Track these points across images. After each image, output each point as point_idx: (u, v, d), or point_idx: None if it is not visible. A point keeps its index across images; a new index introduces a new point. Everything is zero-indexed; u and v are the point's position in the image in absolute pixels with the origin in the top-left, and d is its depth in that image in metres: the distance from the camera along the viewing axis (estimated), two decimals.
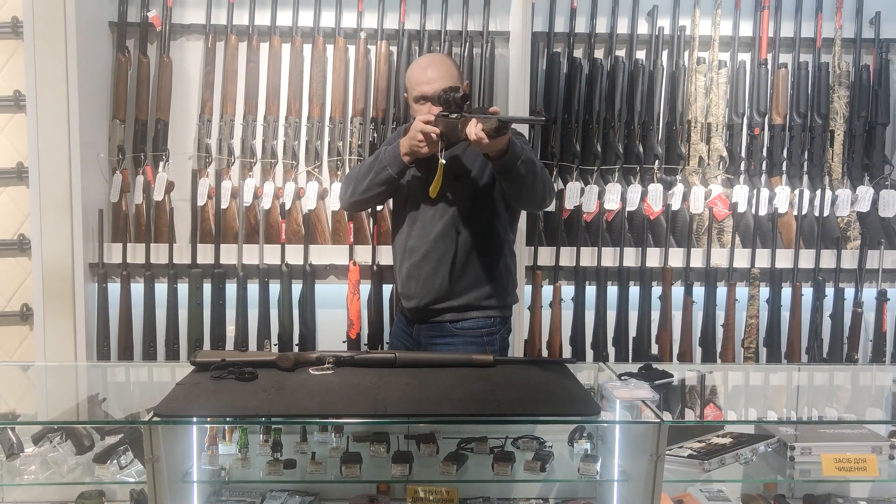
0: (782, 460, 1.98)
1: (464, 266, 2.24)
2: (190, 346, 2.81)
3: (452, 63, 2.28)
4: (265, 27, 2.88)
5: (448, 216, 2.22)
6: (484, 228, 2.25)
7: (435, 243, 2.23)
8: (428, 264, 2.24)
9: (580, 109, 2.88)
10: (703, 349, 2.87)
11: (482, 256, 2.25)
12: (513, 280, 2.36)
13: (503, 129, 1.86)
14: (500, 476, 1.92)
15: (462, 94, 2.03)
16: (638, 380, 1.96)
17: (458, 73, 2.25)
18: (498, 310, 2.30)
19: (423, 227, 2.24)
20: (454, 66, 2.26)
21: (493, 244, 2.27)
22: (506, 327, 2.36)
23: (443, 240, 2.22)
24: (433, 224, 2.23)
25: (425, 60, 2.29)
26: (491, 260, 2.27)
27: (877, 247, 2.84)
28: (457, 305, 2.26)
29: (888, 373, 2.71)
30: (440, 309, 2.26)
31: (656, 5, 2.92)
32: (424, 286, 2.25)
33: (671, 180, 2.90)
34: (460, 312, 2.27)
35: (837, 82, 2.90)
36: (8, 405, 2.15)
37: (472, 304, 2.26)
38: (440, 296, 2.25)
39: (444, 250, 2.22)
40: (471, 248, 2.24)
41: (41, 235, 2.71)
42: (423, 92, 2.17)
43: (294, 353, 1.96)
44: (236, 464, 2.01)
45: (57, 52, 2.65)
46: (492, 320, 2.29)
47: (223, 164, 2.88)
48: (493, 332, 2.30)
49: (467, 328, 2.27)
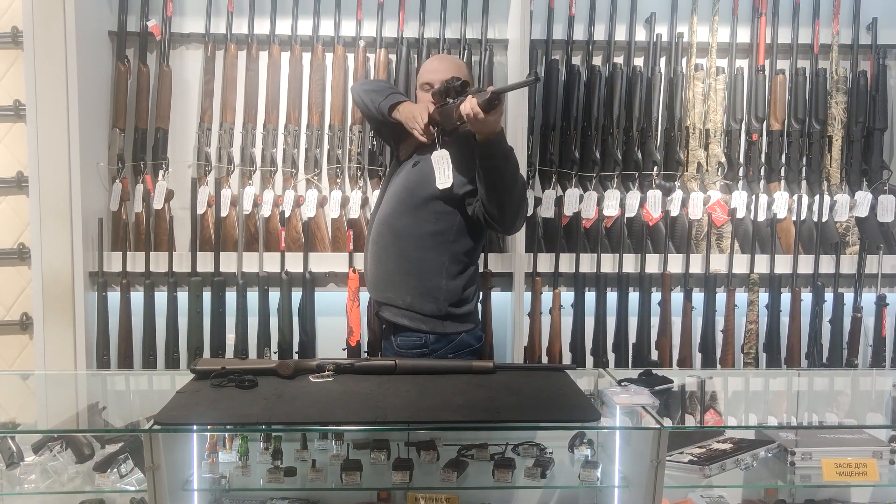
0: (783, 465, 1.98)
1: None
2: (190, 355, 2.81)
3: (464, 65, 2.39)
4: (264, 36, 2.89)
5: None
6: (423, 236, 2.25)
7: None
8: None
9: (578, 116, 2.89)
10: (702, 355, 2.87)
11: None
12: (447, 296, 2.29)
13: (495, 99, 1.93)
14: (500, 483, 1.92)
15: (461, 82, 2.10)
16: (638, 386, 1.96)
17: (468, 73, 2.33)
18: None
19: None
20: (465, 67, 2.36)
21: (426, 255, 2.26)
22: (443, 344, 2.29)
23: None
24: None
25: (438, 56, 2.54)
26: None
27: (876, 252, 2.84)
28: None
29: (888, 377, 2.71)
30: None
31: (654, 12, 2.93)
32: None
33: (670, 186, 2.90)
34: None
35: (835, 88, 2.91)
36: (8, 414, 2.15)
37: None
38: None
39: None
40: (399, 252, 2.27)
41: (41, 244, 2.71)
42: (430, 79, 2.26)
43: (294, 361, 1.96)
44: (237, 472, 2.01)
45: (57, 61, 2.66)
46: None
47: (223, 173, 2.88)
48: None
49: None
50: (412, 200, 2.25)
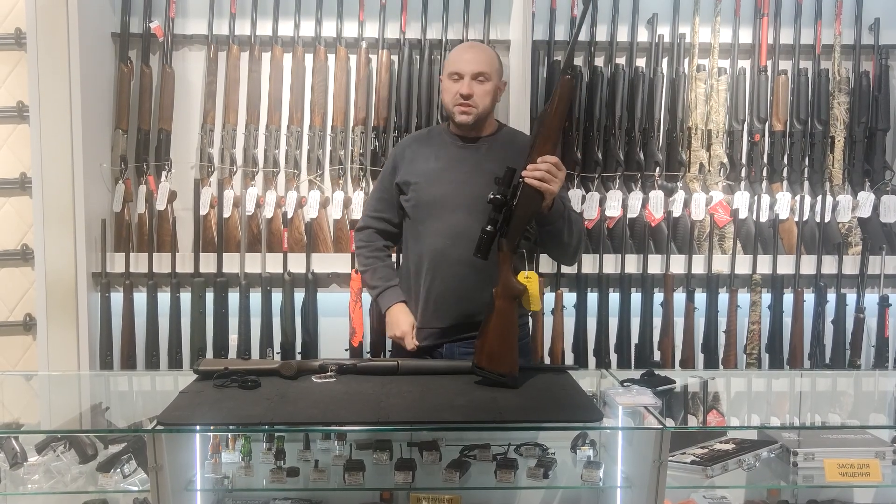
0: (785, 466, 1.98)
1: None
2: (193, 355, 2.81)
3: (495, 55, 2.24)
4: (267, 37, 2.89)
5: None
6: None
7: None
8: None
9: (581, 117, 2.88)
10: (705, 355, 2.86)
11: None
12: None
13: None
14: (503, 483, 1.92)
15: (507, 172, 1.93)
16: (640, 386, 1.96)
17: (499, 66, 2.23)
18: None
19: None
20: (496, 59, 2.23)
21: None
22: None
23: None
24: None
25: (468, 44, 2.39)
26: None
27: (878, 252, 2.84)
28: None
29: (891, 378, 2.71)
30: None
31: (656, 13, 2.93)
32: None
33: (672, 187, 2.90)
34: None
35: (837, 88, 2.90)
36: (11, 414, 2.16)
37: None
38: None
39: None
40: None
41: (44, 245, 2.72)
42: (459, 69, 2.15)
43: (297, 362, 1.97)
44: (239, 472, 2.01)
45: (60, 62, 2.66)
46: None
47: (225, 174, 2.89)
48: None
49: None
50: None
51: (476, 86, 2.15)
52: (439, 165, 2.23)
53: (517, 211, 1.92)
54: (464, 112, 2.16)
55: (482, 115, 2.19)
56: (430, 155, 2.25)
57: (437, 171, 2.22)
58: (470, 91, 2.14)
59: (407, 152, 2.29)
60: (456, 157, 2.23)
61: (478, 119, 2.19)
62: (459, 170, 2.20)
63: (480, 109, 2.17)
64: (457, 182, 2.19)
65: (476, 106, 2.16)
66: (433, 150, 2.26)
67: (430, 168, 2.23)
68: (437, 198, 2.20)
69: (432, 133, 2.35)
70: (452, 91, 2.17)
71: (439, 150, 2.25)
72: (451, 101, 2.18)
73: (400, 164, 2.28)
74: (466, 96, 2.14)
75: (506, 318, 1.91)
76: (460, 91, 2.14)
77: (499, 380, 1.87)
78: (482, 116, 2.19)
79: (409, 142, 2.36)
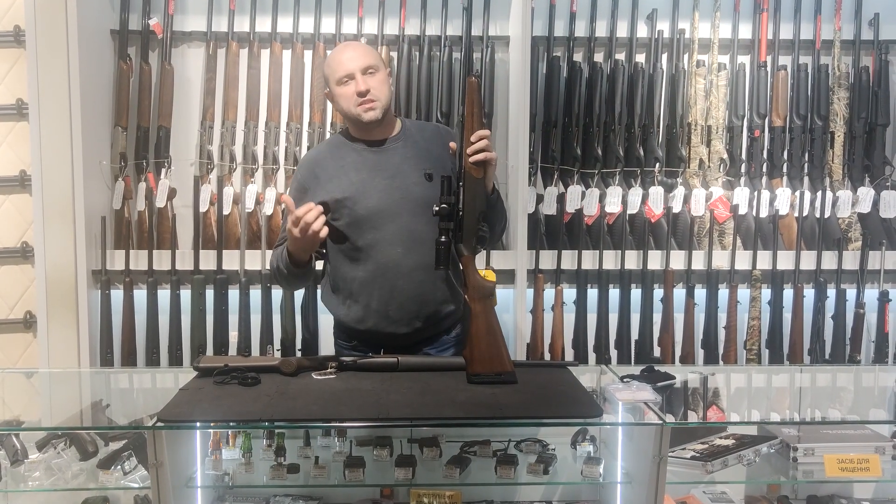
0: (785, 461, 1.98)
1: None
2: (193, 352, 2.81)
3: (371, 46, 2.28)
4: (266, 34, 2.89)
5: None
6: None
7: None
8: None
9: (580, 113, 2.88)
10: (705, 351, 2.87)
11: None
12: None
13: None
14: (503, 479, 1.92)
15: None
16: (640, 382, 1.96)
17: (379, 55, 2.21)
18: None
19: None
20: (374, 49, 2.23)
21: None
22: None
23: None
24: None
25: (342, 45, 2.25)
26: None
27: (878, 248, 2.84)
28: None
29: (891, 373, 2.71)
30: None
31: (655, 8, 2.93)
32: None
33: (672, 183, 2.90)
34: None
35: (837, 84, 2.90)
36: (12, 412, 2.16)
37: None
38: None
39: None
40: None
41: (44, 243, 2.72)
42: (347, 70, 2.07)
43: (297, 358, 1.97)
44: (240, 469, 2.01)
45: (59, 60, 2.66)
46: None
47: (225, 171, 2.89)
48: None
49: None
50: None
51: (369, 79, 2.07)
52: (361, 176, 2.12)
53: (466, 214, 1.91)
54: (369, 108, 2.07)
55: (386, 107, 2.11)
56: (347, 168, 2.13)
57: (363, 182, 2.11)
58: (366, 86, 2.06)
59: (318, 171, 2.16)
60: (374, 163, 2.13)
61: (384, 112, 2.10)
62: (384, 175, 2.11)
63: (384, 101, 2.09)
64: (387, 188, 2.10)
65: (378, 98, 2.08)
66: (347, 162, 2.14)
67: (353, 181, 2.11)
68: (374, 209, 2.09)
69: (332, 146, 2.22)
70: (348, 94, 2.08)
71: (354, 162, 2.14)
72: (350, 106, 2.08)
73: (313, 186, 2.14)
74: (364, 92, 2.06)
75: (486, 319, 1.91)
76: (357, 90, 2.06)
77: (497, 380, 1.87)
78: (386, 108, 2.11)
79: (313, 162, 2.21)
